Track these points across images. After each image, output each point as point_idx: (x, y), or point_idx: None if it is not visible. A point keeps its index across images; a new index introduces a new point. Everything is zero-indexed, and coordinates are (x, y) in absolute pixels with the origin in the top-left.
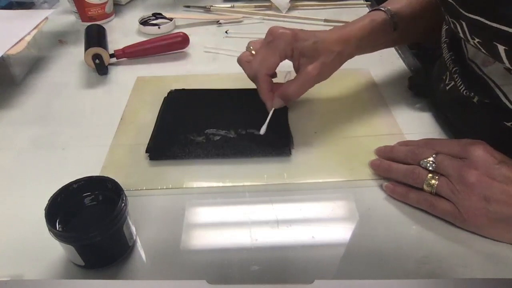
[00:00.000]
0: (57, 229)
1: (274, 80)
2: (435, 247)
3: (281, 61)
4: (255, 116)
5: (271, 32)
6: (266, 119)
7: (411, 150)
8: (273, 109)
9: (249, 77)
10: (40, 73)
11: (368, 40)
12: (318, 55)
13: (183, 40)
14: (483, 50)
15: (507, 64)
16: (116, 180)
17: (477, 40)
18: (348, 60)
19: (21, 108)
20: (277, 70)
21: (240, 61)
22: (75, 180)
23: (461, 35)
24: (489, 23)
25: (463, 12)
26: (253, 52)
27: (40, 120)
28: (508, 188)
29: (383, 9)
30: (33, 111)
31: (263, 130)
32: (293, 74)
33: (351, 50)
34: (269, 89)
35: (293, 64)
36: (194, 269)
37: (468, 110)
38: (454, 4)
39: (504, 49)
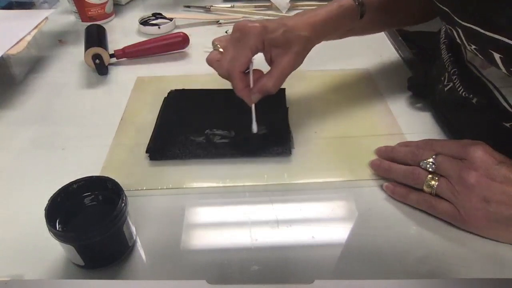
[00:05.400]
0: (57, 229)
1: None
2: (435, 247)
3: (253, 56)
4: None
5: (239, 28)
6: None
7: (411, 150)
8: (253, 104)
9: (221, 76)
10: (40, 73)
11: (334, 25)
12: (290, 45)
13: (183, 40)
14: (480, 56)
15: (504, 71)
16: (116, 180)
17: (473, 46)
18: (348, 60)
19: (21, 108)
20: None
21: (209, 61)
22: (75, 180)
23: (458, 40)
24: (484, 32)
25: (458, 20)
26: (221, 50)
27: (40, 120)
28: (508, 188)
29: None
30: (33, 111)
31: (255, 128)
32: (255, 63)
33: (318, 34)
34: (244, 86)
35: (265, 57)
36: (194, 269)
37: (467, 110)
38: (449, 12)
39: (500, 57)
